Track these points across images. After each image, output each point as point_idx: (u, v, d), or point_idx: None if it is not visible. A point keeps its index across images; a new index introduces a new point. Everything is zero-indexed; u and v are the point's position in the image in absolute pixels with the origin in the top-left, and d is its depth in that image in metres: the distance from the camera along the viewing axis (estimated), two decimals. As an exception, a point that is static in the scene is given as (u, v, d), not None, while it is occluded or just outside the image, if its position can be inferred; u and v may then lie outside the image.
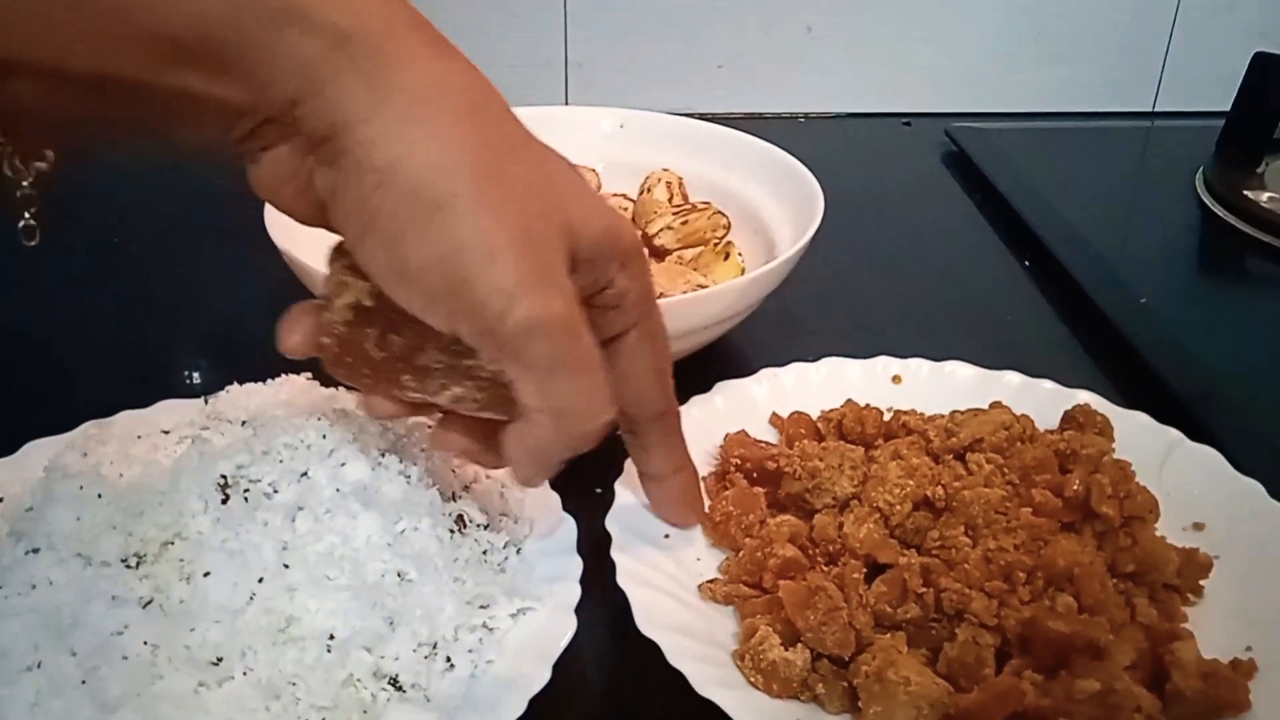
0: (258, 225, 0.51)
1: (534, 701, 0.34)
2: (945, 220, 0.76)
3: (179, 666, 0.33)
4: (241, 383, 0.45)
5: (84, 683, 0.32)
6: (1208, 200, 0.75)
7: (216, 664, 0.33)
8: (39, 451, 0.43)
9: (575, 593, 0.38)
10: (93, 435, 0.42)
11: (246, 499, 0.36)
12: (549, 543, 0.41)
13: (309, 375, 0.45)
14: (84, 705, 0.32)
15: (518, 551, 0.41)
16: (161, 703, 0.32)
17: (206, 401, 0.44)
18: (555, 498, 0.42)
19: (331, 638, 0.34)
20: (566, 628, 0.37)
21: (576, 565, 0.39)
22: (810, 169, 0.59)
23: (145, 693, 0.32)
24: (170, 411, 0.46)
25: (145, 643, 0.33)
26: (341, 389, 0.44)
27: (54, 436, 0.44)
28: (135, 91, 0.30)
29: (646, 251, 0.57)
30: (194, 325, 0.61)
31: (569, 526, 0.41)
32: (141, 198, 0.76)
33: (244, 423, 0.42)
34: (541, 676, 0.35)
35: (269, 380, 0.45)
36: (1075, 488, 0.41)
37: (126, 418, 0.46)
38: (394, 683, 0.34)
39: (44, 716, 0.32)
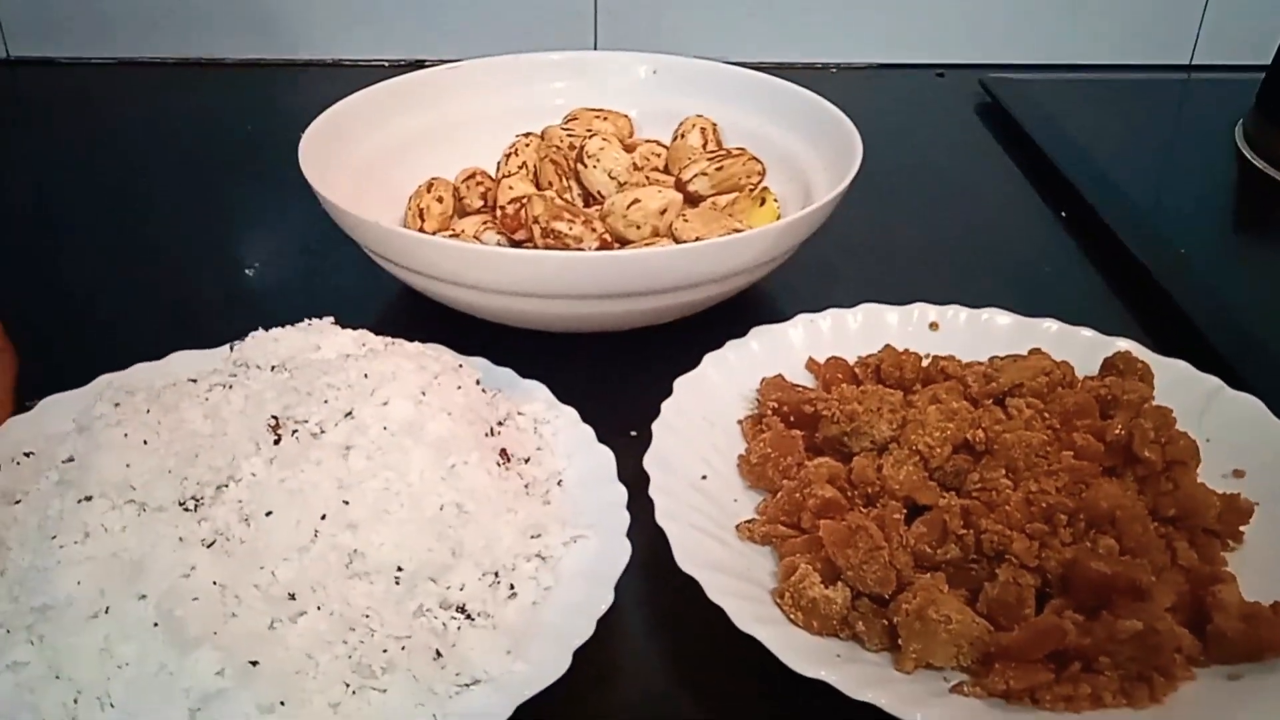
0: (292, 165, 0.51)
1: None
2: (980, 171, 0.75)
3: (251, 604, 0.33)
4: (266, 328, 0.44)
5: (156, 625, 0.32)
6: (1247, 153, 0.74)
7: (291, 599, 0.33)
8: (58, 407, 0.43)
9: (624, 519, 0.38)
10: (117, 386, 0.42)
11: (297, 439, 0.37)
12: (589, 474, 0.41)
13: (333, 319, 0.44)
14: (159, 647, 0.32)
15: (559, 483, 0.41)
16: (240, 640, 0.32)
17: (232, 348, 0.44)
18: (589, 430, 0.42)
19: (399, 569, 0.34)
20: (621, 552, 0.37)
21: (621, 493, 0.39)
22: (841, 120, 0.58)
23: (222, 630, 0.32)
24: (184, 362, 0.45)
25: (214, 583, 0.33)
26: (366, 330, 0.44)
27: (71, 391, 0.44)
28: None
29: (682, 197, 0.57)
30: (214, 272, 0.61)
31: (607, 457, 0.41)
32: (172, 137, 0.76)
33: (274, 367, 0.41)
34: (605, 598, 0.35)
35: (292, 325, 0.44)
36: (1118, 432, 0.41)
37: (142, 370, 0.45)
38: (463, 611, 0.35)
39: (115, 660, 0.32)
